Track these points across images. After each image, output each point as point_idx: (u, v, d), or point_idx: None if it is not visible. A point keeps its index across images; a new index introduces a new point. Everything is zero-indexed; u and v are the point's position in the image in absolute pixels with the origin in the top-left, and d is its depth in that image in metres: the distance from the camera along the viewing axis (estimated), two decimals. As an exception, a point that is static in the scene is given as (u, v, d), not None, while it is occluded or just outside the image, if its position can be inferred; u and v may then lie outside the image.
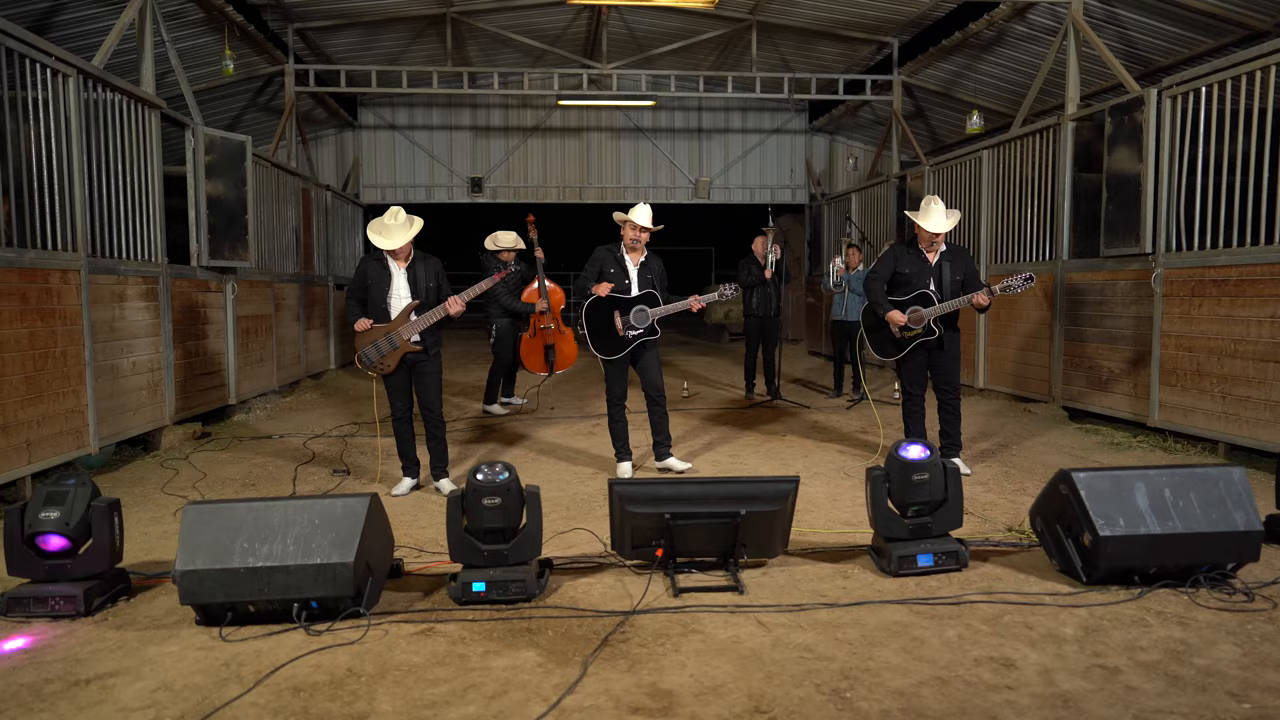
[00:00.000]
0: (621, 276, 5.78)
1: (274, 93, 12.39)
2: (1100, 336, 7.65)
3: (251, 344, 9.24)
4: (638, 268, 5.83)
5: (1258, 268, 5.89)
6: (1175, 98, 6.68)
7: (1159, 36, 9.28)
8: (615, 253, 5.85)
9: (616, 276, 5.78)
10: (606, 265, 5.82)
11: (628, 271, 5.80)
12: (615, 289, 5.76)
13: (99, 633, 3.34)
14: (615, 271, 5.79)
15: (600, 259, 5.86)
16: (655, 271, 5.87)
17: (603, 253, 5.88)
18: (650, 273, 5.84)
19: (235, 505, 3.50)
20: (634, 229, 5.76)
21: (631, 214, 5.80)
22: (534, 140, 15.80)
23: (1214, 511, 3.51)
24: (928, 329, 5.81)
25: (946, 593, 3.59)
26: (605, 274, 5.80)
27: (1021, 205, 8.94)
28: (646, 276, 5.82)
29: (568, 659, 3.04)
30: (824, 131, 16.29)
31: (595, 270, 5.85)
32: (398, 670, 2.96)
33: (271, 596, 3.33)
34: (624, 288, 5.78)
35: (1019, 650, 3.04)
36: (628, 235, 5.80)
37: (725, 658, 3.02)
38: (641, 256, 5.86)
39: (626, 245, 5.83)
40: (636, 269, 5.82)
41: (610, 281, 5.77)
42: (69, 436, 5.80)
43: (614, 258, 5.83)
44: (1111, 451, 6.69)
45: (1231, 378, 6.11)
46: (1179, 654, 2.98)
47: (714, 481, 3.77)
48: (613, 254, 5.85)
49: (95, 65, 6.29)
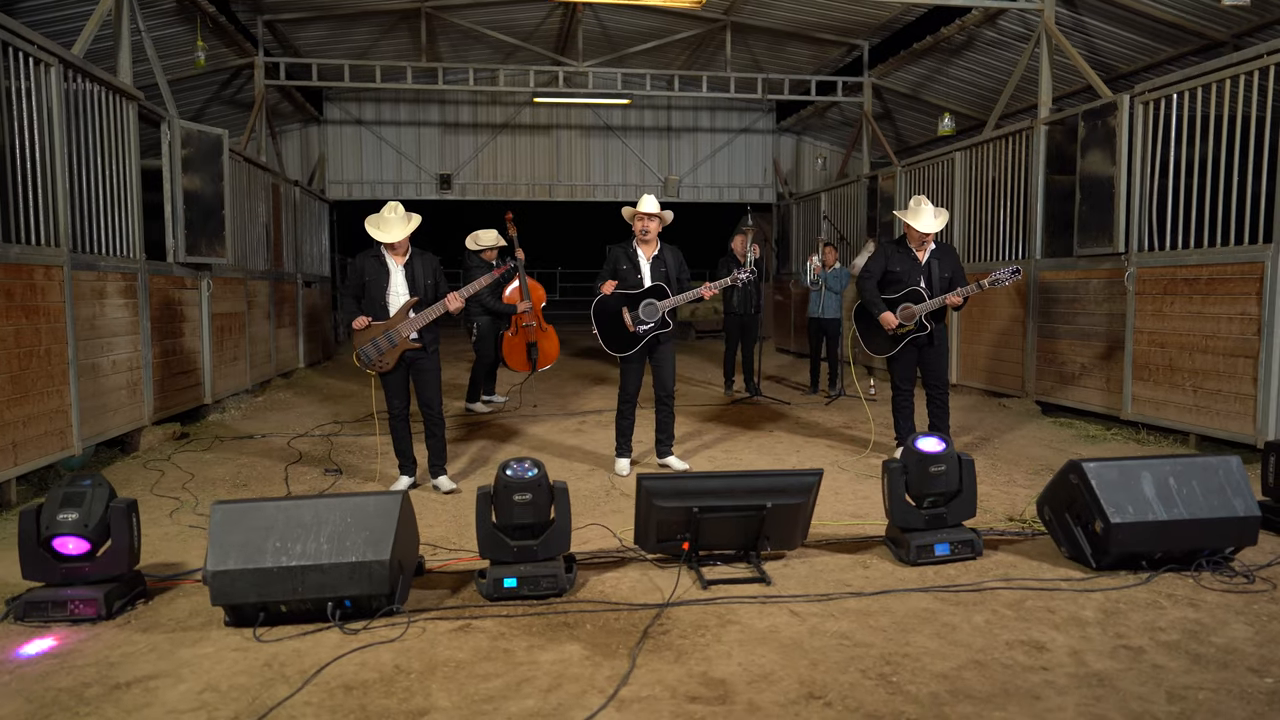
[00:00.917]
0: (634, 272, 5.77)
1: (240, 85, 12.14)
2: (1073, 333, 7.91)
3: (226, 342, 9.06)
4: (650, 261, 5.81)
5: (1228, 267, 6.16)
6: (1147, 103, 6.94)
7: (1122, 44, 9.62)
8: (628, 249, 5.84)
9: (629, 273, 5.77)
10: (619, 263, 5.81)
11: (639, 266, 5.79)
12: (627, 284, 5.75)
13: (125, 636, 3.28)
14: (628, 268, 5.78)
15: (614, 258, 5.86)
16: (670, 264, 5.83)
17: (616, 251, 5.88)
18: (664, 265, 5.81)
19: (265, 504, 3.46)
20: (642, 218, 5.74)
21: (639, 205, 5.79)
22: (504, 137, 15.72)
23: (1215, 498, 3.69)
24: (920, 324, 5.97)
25: (966, 580, 3.71)
26: (619, 272, 5.79)
27: (994, 206, 9.19)
28: (660, 270, 5.79)
29: (613, 651, 3.07)
30: (791, 132, 16.50)
31: (609, 269, 5.84)
32: (446, 666, 2.97)
33: (305, 596, 3.31)
34: (636, 283, 5.76)
35: (1046, 633, 3.17)
36: (638, 227, 5.78)
37: (767, 646, 3.09)
38: (655, 249, 5.84)
39: (638, 239, 5.81)
40: (649, 263, 5.80)
41: (624, 279, 5.76)
42: (53, 437, 5.64)
43: (626, 254, 5.82)
44: (1088, 444, 6.93)
45: (1202, 372, 6.38)
46: (1196, 634, 3.13)
47: (741, 475, 3.83)
48: (625, 251, 5.84)
49: (76, 55, 6.11)
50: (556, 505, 3.72)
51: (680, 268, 5.90)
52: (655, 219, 5.78)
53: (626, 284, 5.76)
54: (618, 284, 5.75)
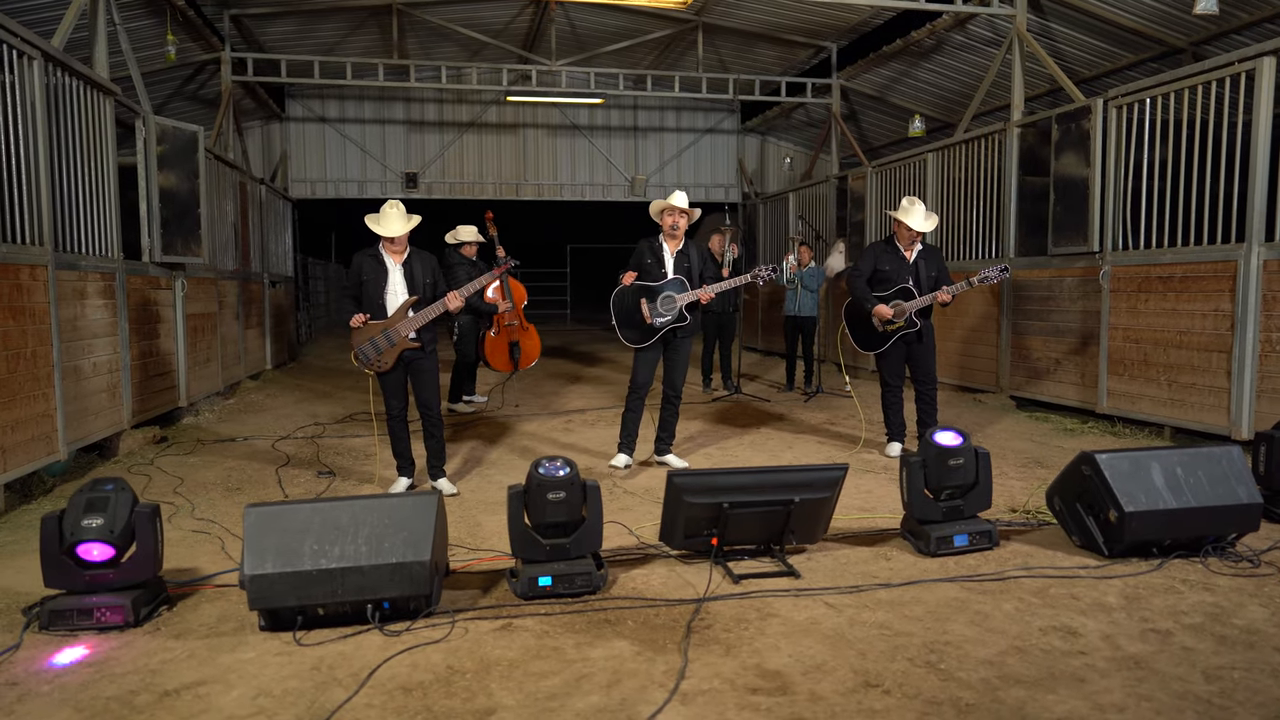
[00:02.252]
0: (657, 266, 5.83)
1: (204, 81, 11.84)
2: (1047, 330, 8.17)
3: (199, 344, 8.85)
4: (675, 256, 5.86)
5: (1202, 265, 6.43)
6: (1120, 107, 7.20)
7: (1086, 50, 9.95)
8: (653, 243, 5.90)
9: (653, 266, 5.83)
10: (644, 257, 5.87)
11: (663, 260, 5.85)
12: (650, 278, 5.80)
13: (160, 643, 3.21)
14: (652, 261, 5.84)
15: (640, 252, 5.92)
16: (693, 260, 5.89)
17: (642, 245, 5.94)
18: (688, 260, 5.87)
19: (299, 506, 3.41)
20: (672, 213, 5.79)
21: (670, 198, 5.82)
22: (470, 136, 15.59)
23: (1220, 487, 3.86)
24: (910, 321, 6.11)
25: (987, 570, 3.83)
26: (643, 265, 5.84)
27: (967, 206, 9.42)
28: (683, 265, 5.84)
29: (661, 647, 3.10)
30: (756, 132, 16.67)
31: (635, 263, 5.90)
32: (499, 666, 2.97)
33: (344, 598, 3.27)
34: (659, 276, 5.81)
35: (1075, 619, 3.29)
36: (666, 222, 5.83)
37: (811, 638, 3.15)
38: (679, 244, 5.89)
39: (665, 233, 5.86)
40: (674, 257, 5.85)
41: (648, 272, 5.82)
42: (40, 442, 5.46)
43: (651, 248, 5.89)
44: (1066, 437, 7.16)
45: (1176, 366, 6.65)
46: (1217, 616, 3.28)
47: (769, 470, 3.89)
48: (650, 245, 5.91)
49: (56, 48, 5.92)
50: (589, 503, 3.73)
51: (704, 264, 5.95)
52: (685, 215, 5.83)
53: (649, 277, 5.82)
54: (639, 276, 5.82)
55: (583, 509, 3.73)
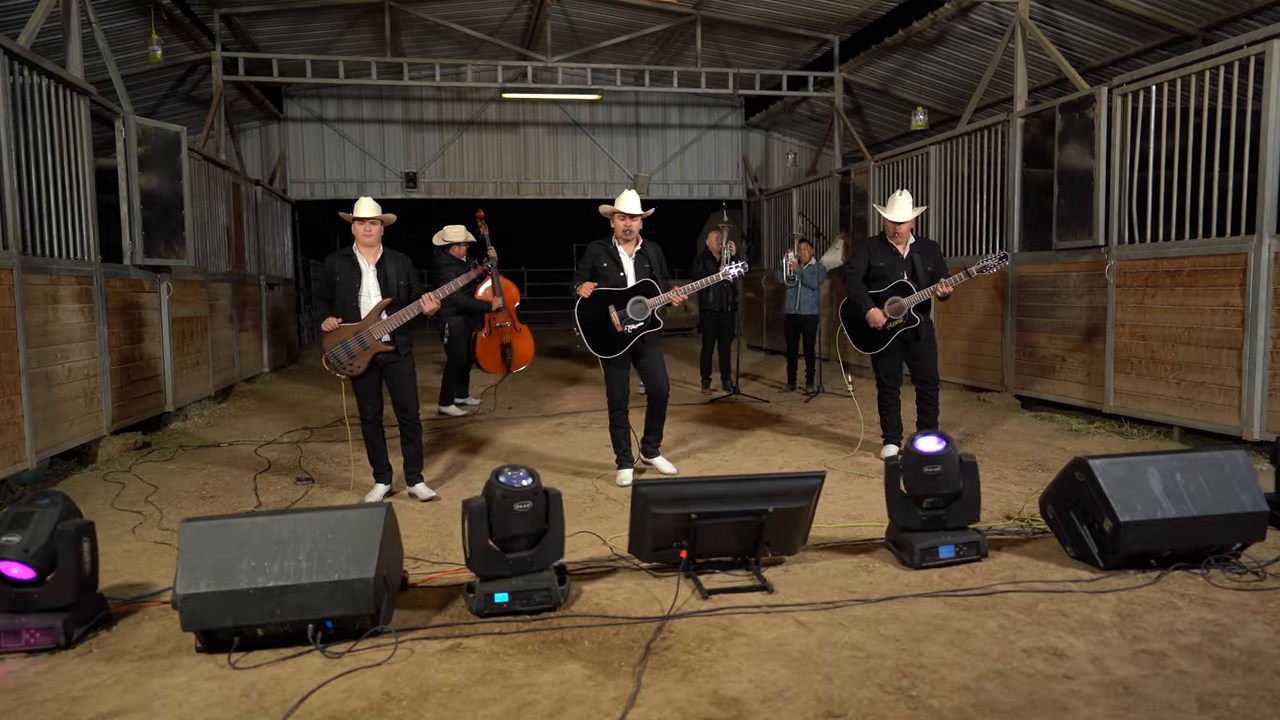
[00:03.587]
0: (615, 270, 5.53)
1: (196, 82, 11.74)
2: (1052, 326, 7.90)
3: (188, 347, 8.72)
4: (633, 258, 5.58)
5: (1210, 258, 6.15)
6: (1126, 95, 6.92)
7: (1092, 38, 9.65)
8: (607, 246, 5.60)
9: (610, 271, 5.53)
10: (599, 261, 5.57)
11: (621, 264, 5.55)
12: (609, 283, 5.52)
13: (88, 666, 3.04)
14: (609, 266, 5.54)
15: (593, 255, 5.62)
16: (653, 260, 5.62)
17: (595, 248, 5.63)
18: (647, 262, 5.59)
19: (238, 520, 3.24)
20: (623, 218, 5.49)
21: (618, 203, 5.52)
22: (470, 134, 15.44)
23: (1223, 494, 3.61)
24: (908, 317, 5.88)
25: (973, 584, 3.60)
26: (599, 269, 5.54)
27: (970, 200, 9.16)
28: (644, 266, 5.57)
29: (615, 670, 2.91)
30: (760, 128, 16.43)
31: (588, 267, 5.60)
32: (439, 692, 2.78)
33: (284, 618, 3.09)
34: (619, 280, 5.53)
35: (1063, 639, 3.06)
36: (618, 226, 5.53)
37: (777, 660, 2.95)
38: (636, 246, 5.60)
39: (619, 237, 5.57)
40: (632, 260, 5.57)
41: (605, 277, 5.53)
42: (5, 451, 5.32)
43: (606, 251, 5.59)
44: (1072, 438, 6.90)
45: (1185, 364, 6.37)
46: (1216, 635, 3.04)
47: (741, 479, 3.68)
48: (605, 248, 5.60)
49: (22, 46, 5.79)
50: (551, 513, 3.54)
51: (661, 264, 5.68)
52: (638, 219, 5.54)
53: (608, 282, 5.52)
54: (599, 283, 5.54)
55: (545, 520, 3.54)
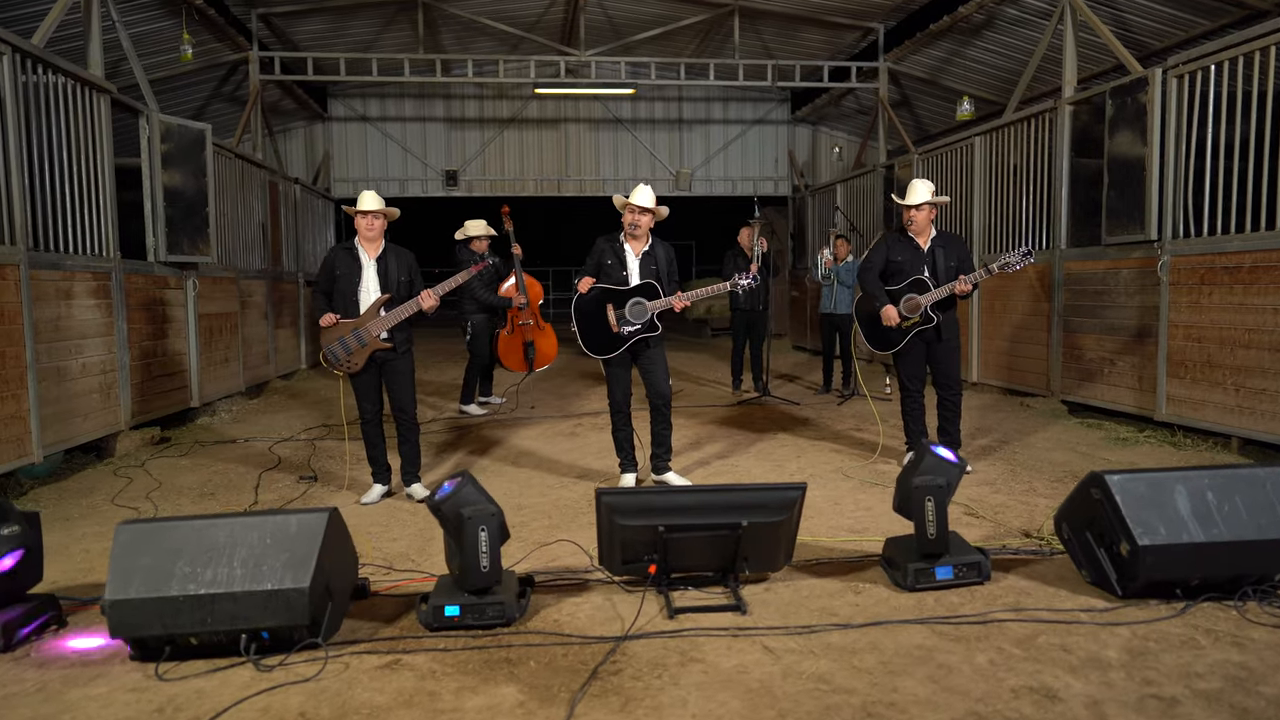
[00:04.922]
0: (619, 268, 5.22)
1: (239, 82, 11.89)
2: (1101, 327, 7.37)
3: (215, 343, 8.78)
4: (639, 258, 5.24)
5: (1273, 254, 5.62)
6: (1182, 77, 6.39)
7: (1153, 18, 9.02)
8: (614, 243, 5.28)
9: (614, 269, 5.22)
10: (604, 257, 5.27)
11: (626, 262, 5.23)
12: (611, 280, 5.23)
13: (16, 673, 2.93)
14: (613, 263, 5.23)
15: (598, 251, 5.32)
16: (660, 262, 5.27)
17: (601, 244, 5.33)
18: (654, 263, 5.25)
19: (176, 524, 3.10)
20: (632, 211, 5.16)
21: (632, 195, 5.21)
22: (510, 132, 15.37)
23: (1264, 516, 3.20)
24: (925, 316, 5.50)
25: (970, 610, 3.26)
26: (603, 266, 5.25)
27: (1016, 193, 8.65)
28: (650, 267, 5.23)
29: (552, 696, 2.67)
30: (807, 122, 15.98)
31: (593, 264, 5.31)
32: (358, 714, 2.58)
33: (216, 627, 2.94)
34: (620, 280, 5.22)
35: (1060, 678, 2.71)
36: (627, 220, 5.19)
37: (731, 692, 2.67)
38: (645, 245, 5.27)
39: (627, 233, 5.25)
40: (638, 259, 5.24)
41: (608, 274, 5.24)
42: (9, 445, 5.35)
43: (612, 248, 5.27)
44: (1118, 447, 6.41)
45: (1245, 369, 5.84)
46: (1241, 681, 2.66)
47: (712, 490, 3.41)
48: (611, 244, 5.29)
49: (35, 44, 5.82)
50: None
51: (671, 266, 5.33)
52: (648, 213, 5.21)
53: (610, 280, 5.23)
54: (600, 280, 5.25)
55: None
